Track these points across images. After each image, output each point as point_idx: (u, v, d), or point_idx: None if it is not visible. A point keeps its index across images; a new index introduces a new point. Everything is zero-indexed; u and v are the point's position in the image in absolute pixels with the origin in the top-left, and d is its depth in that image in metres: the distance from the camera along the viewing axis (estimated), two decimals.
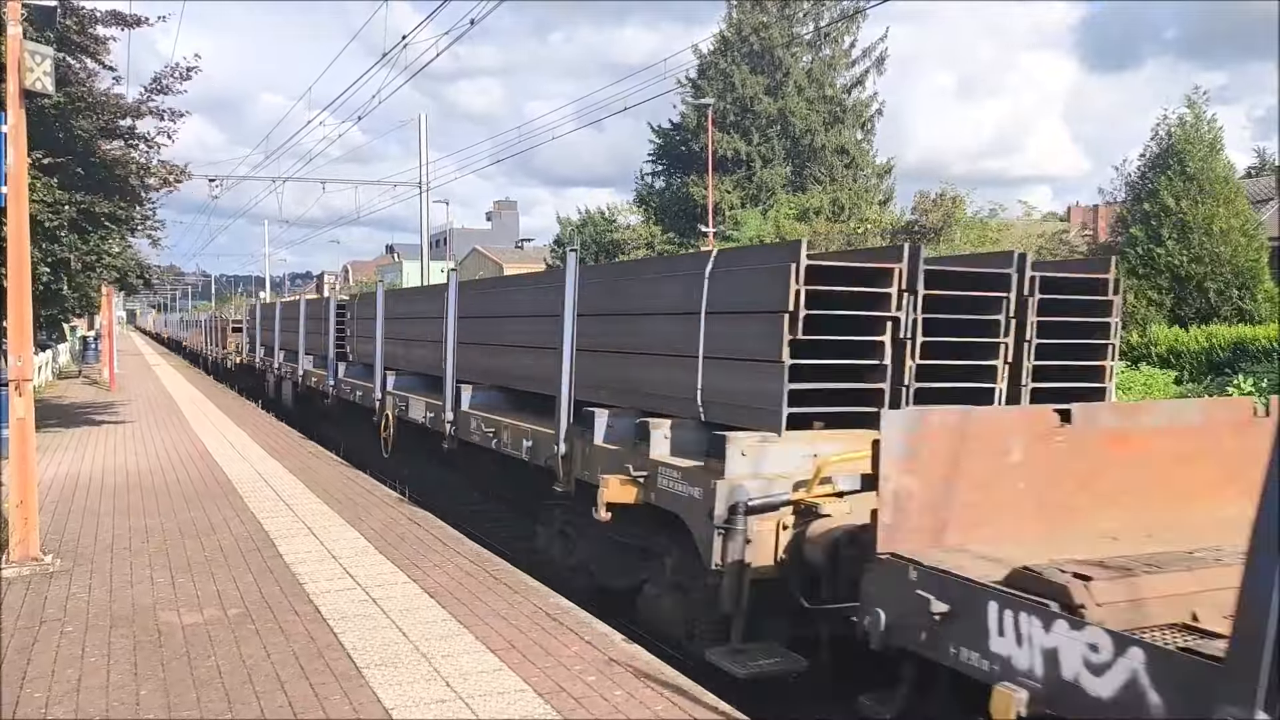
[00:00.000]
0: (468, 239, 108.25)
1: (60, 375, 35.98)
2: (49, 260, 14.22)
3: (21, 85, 7.86)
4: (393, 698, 5.21)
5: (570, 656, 5.84)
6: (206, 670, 5.66)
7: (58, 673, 5.66)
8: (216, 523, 9.75)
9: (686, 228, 54.31)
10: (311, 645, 6.08)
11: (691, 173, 55.89)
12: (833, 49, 58.25)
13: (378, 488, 11.84)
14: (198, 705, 5.15)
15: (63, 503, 10.81)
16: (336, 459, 14.40)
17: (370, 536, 9.07)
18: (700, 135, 51.35)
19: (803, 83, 55.95)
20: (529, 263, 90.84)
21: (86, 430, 17.82)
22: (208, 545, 8.79)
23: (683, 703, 5.12)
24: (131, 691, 5.36)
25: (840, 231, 44.96)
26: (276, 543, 8.87)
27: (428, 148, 36.91)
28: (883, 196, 55.46)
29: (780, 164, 56.15)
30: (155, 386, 29.66)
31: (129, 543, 8.90)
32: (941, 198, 43.60)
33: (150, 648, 6.07)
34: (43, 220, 13.13)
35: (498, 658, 5.82)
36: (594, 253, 62.29)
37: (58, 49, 9.06)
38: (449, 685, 5.39)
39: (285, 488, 11.74)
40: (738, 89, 55.07)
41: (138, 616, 6.72)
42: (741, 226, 49.44)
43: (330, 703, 5.16)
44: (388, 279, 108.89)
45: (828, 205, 50.02)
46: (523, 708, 5.07)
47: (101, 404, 23.39)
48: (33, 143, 10.18)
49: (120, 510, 10.42)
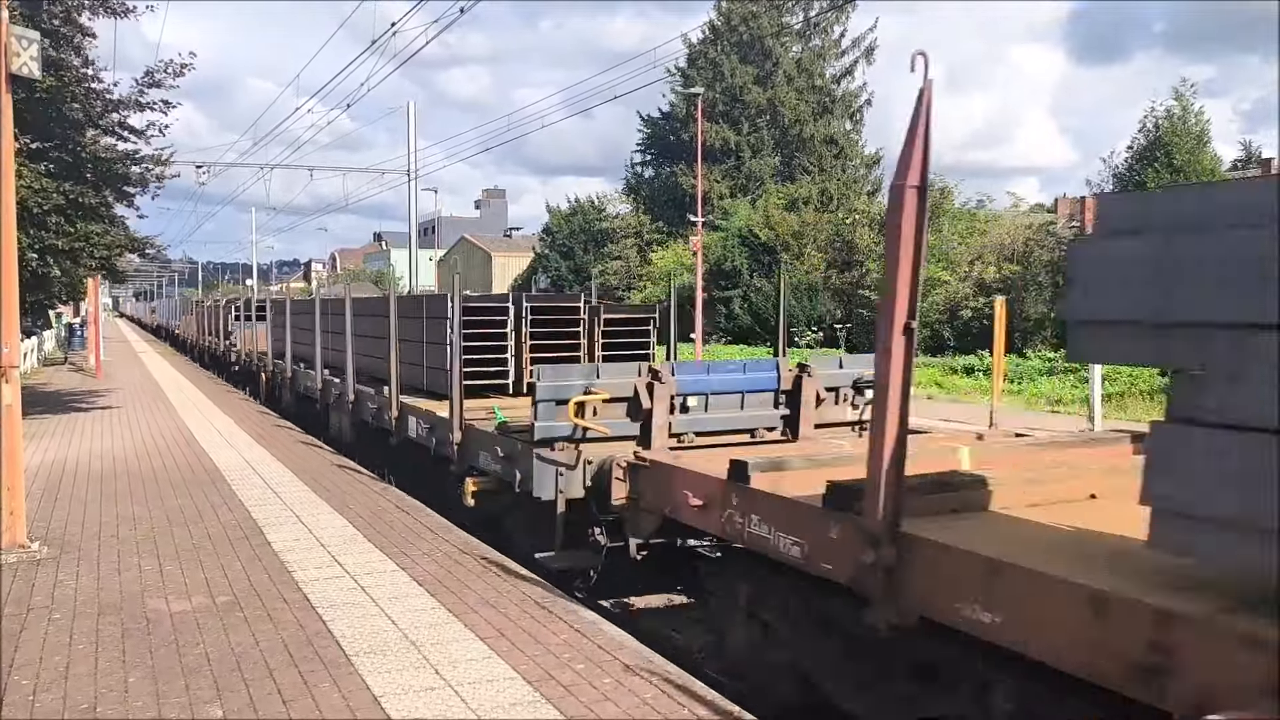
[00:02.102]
0: (456, 227, 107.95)
1: (46, 362, 35.80)
2: (36, 246, 14.15)
3: (8, 70, 7.81)
4: (381, 685, 5.23)
5: (559, 644, 5.86)
6: (195, 658, 5.67)
7: (45, 660, 5.65)
8: (204, 510, 9.74)
9: (675, 217, 54.30)
10: (300, 633, 6.09)
11: (681, 162, 55.86)
12: (822, 39, 58.23)
13: (365, 475, 11.83)
14: (186, 693, 5.16)
15: (49, 490, 10.77)
16: (323, 446, 14.37)
17: (359, 524, 9.07)
18: (689, 125, 51.30)
19: (792, 73, 55.93)
20: (518, 251, 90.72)
21: (73, 417, 17.74)
22: (195, 533, 8.78)
23: (671, 690, 5.15)
24: (119, 679, 5.36)
25: (829, 221, 45.03)
26: (265, 530, 8.87)
27: (416, 135, 36.75)
28: (871, 187, 55.52)
29: (769, 154, 56.13)
30: (142, 373, 29.53)
31: (116, 530, 8.88)
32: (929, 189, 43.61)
33: (138, 635, 6.06)
34: (30, 206, 13.06)
35: (487, 645, 5.84)
36: (583, 242, 62.17)
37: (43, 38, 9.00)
38: (438, 673, 5.41)
39: (273, 475, 11.72)
40: (727, 79, 55.01)
41: (125, 604, 6.71)
42: (731, 216, 49.46)
43: (319, 690, 5.17)
44: (376, 267, 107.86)
45: (816, 195, 50.04)
46: (512, 695, 5.09)
47: (88, 391, 23.28)
48: (20, 128, 10.11)
49: (107, 497, 10.40)
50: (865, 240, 41.68)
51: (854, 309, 39.89)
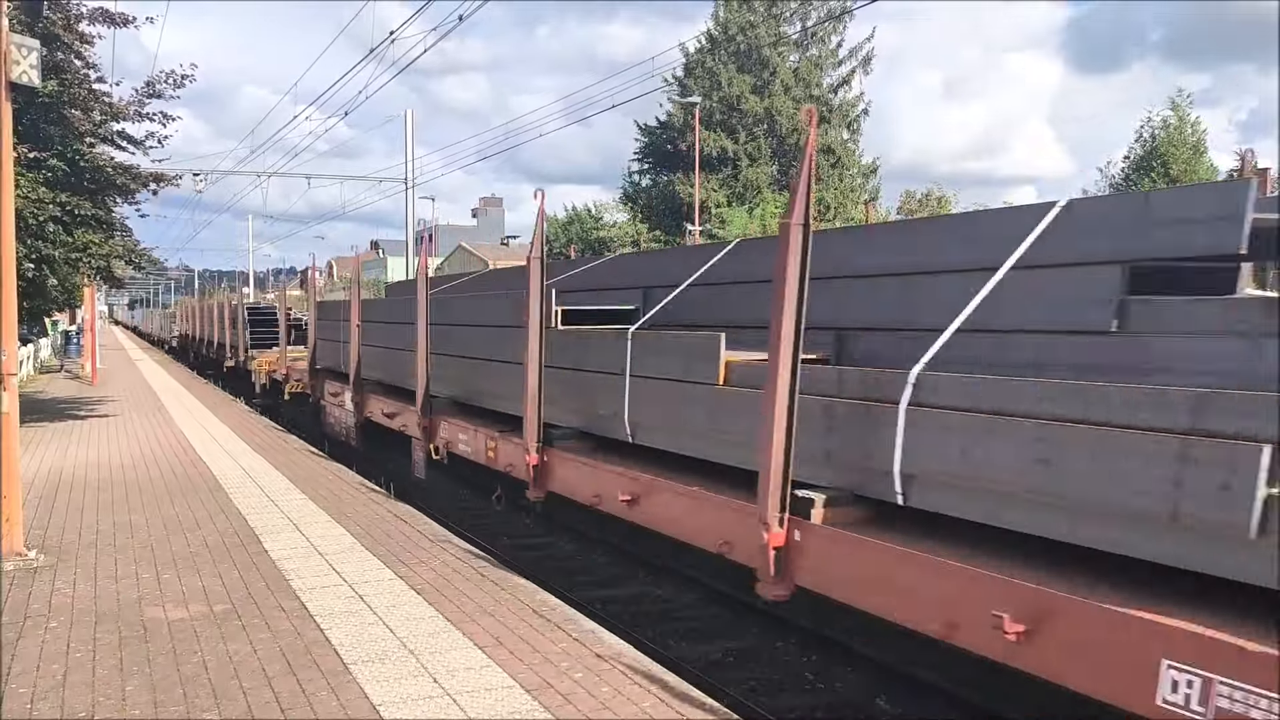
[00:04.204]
0: (453, 235, 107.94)
1: (42, 370, 35.73)
2: (33, 256, 14.13)
3: (7, 78, 7.82)
4: (380, 694, 5.22)
5: (557, 653, 5.86)
6: (193, 666, 5.66)
7: (43, 668, 5.64)
8: (201, 518, 9.73)
9: (672, 225, 54.30)
10: (298, 641, 6.08)
11: (678, 170, 55.89)
12: (819, 49, 58.33)
13: (363, 483, 11.82)
14: (184, 701, 5.15)
15: (46, 498, 10.75)
16: (320, 454, 14.36)
17: (356, 533, 9.06)
18: (687, 133, 51.37)
19: (789, 82, 56.02)
20: (515, 259, 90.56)
21: (70, 425, 17.71)
22: (193, 541, 8.77)
23: (669, 699, 5.15)
24: (117, 687, 5.35)
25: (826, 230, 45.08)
26: (262, 538, 8.86)
27: (413, 144, 36.80)
28: (868, 196, 55.60)
29: (766, 162, 56.19)
30: (138, 381, 29.49)
31: (114, 538, 8.87)
32: (928, 197, 43.77)
33: (136, 643, 6.06)
34: (27, 216, 13.04)
35: (485, 654, 5.84)
36: (581, 250, 62.20)
37: (42, 44, 8.99)
38: (436, 681, 5.40)
39: (270, 483, 11.71)
40: (724, 88, 55.09)
41: (123, 612, 6.70)
42: (727, 224, 49.53)
43: (317, 699, 5.17)
44: (372, 275, 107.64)
45: (813, 204, 50.04)
46: (510, 704, 5.09)
47: (84, 399, 23.25)
48: (17, 137, 10.11)
49: (104, 505, 10.38)
50: None
51: None
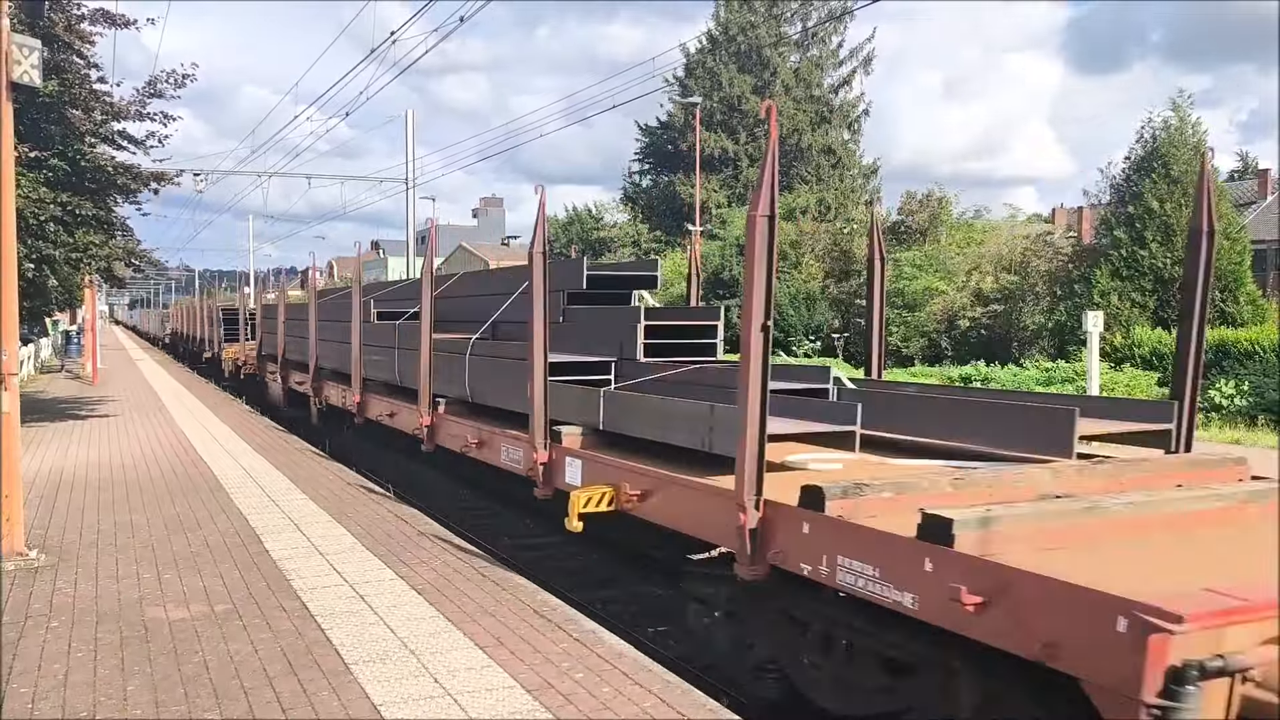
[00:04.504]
0: (454, 235, 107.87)
1: (42, 369, 35.74)
2: (34, 256, 14.13)
3: (9, 78, 7.82)
4: (381, 694, 5.22)
5: (558, 653, 5.86)
6: (194, 666, 5.66)
7: (44, 668, 5.64)
8: (202, 518, 9.73)
9: (673, 226, 54.36)
10: (299, 641, 6.08)
11: (678, 171, 55.96)
12: (820, 49, 58.36)
13: (364, 484, 11.82)
14: (185, 701, 5.15)
15: (47, 498, 10.76)
16: (321, 455, 14.36)
17: (357, 533, 9.06)
18: (687, 134, 51.41)
19: (790, 82, 56.03)
20: (515, 259, 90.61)
21: (70, 425, 17.71)
22: (194, 540, 8.77)
23: (671, 699, 5.15)
24: (118, 687, 5.35)
25: (827, 231, 45.11)
26: (263, 538, 8.86)
27: (414, 144, 36.80)
28: (869, 197, 55.63)
29: None
30: (138, 381, 29.49)
31: (114, 538, 8.87)
32: (928, 198, 43.73)
33: (137, 643, 6.06)
34: (28, 216, 13.04)
35: (486, 654, 5.84)
36: (581, 251, 62.23)
37: (43, 44, 9.00)
38: (437, 681, 5.40)
39: (271, 483, 11.71)
40: (725, 88, 55.12)
41: (124, 612, 6.70)
42: (728, 225, 49.53)
43: (319, 699, 5.17)
44: (372, 274, 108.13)
45: (814, 205, 50.14)
46: (511, 704, 5.08)
47: (85, 398, 23.26)
48: (18, 136, 10.11)
49: (105, 505, 10.38)
50: (863, 250, 41.72)
51: (852, 318, 39.87)
